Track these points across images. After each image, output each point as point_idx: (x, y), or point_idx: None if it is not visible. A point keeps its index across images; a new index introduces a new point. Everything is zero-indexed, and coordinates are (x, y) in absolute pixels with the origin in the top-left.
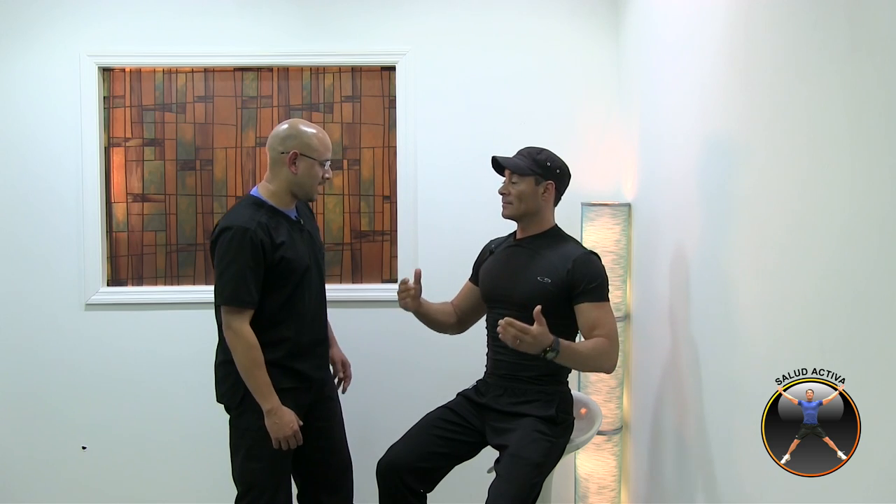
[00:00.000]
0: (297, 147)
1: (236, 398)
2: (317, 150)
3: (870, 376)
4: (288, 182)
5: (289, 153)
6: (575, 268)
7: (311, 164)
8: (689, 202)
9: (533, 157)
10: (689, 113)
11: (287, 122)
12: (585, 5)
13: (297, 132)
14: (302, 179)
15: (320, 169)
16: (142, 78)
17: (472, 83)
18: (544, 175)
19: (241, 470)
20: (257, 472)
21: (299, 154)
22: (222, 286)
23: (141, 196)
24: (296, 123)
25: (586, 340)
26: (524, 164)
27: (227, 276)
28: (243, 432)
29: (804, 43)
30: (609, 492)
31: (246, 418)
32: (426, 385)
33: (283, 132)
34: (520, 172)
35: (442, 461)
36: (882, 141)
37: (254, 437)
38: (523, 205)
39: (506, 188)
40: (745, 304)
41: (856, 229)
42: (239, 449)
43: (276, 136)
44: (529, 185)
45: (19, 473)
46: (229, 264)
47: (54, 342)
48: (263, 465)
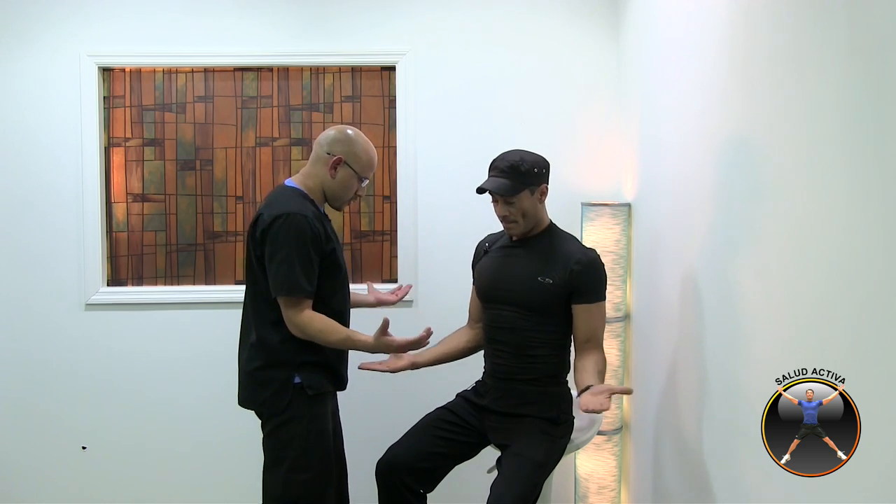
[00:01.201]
0: (344, 154)
1: (281, 404)
2: (360, 163)
3: (870, 376)
4: (323, 183)
5: (333, 156)
6: (579, 270)
7: (350, 175)
8: (690, 202)
9: (516, 170)
10: (690, 113)
11: (345, 126)
12: (585, 5)
13: (346, 139)
14: (336, 187)
15: (357, 183)
16: (142, 78)
17: (472, 83)
18: (535, 182)
19: (284, 483)
20: (305, 483)
21: (343, 161)
22: (282, 277)
23: (141, 196)
24: (348, 131)
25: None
26: (512, 185)
27: (287, 265)
28: (288, 442)
29: (804, 42)
30: (609, 492)
31: (291, 427)
32: (425, 385)
33: (334, 135)
34: (513, 194)
35: (441, 461)
36: (882, 140)
37: (301, 445)
38: (528, 219)
39: (504, 210)
40: (745, 303)
41: (856, 229)
42: (281, 461)
43: (327, 135)
44: (526, 198)
45: (19, 473)
46: (288, 253)
47: (54, 342)
48: (311, 475)
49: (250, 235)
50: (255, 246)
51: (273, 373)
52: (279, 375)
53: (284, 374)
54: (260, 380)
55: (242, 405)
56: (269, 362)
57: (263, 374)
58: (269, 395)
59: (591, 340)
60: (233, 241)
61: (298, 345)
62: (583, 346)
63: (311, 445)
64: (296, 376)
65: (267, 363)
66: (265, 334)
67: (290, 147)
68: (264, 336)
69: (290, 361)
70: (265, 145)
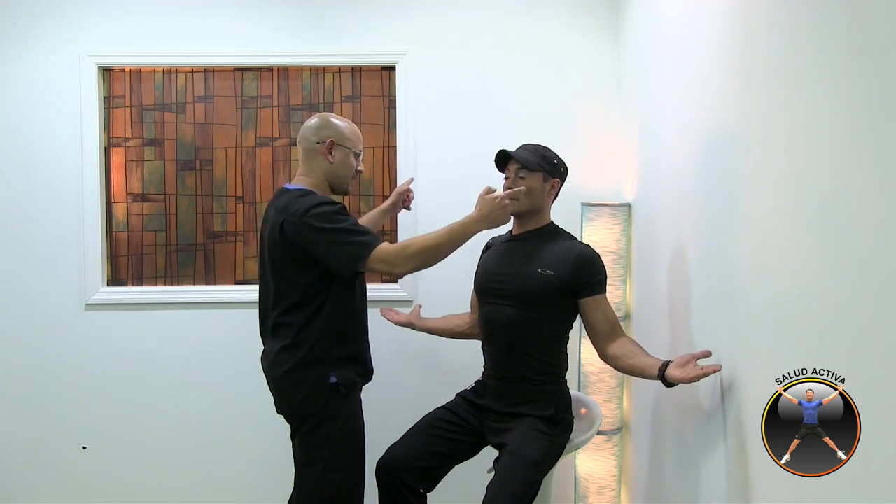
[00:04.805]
0: (333, 136)
1: (318, 404)
2: (350, 140)
3: (870, 376)
4: (325, 173)
5: (324, 142)
6: (580, 261)
7: (346, 153)
8: (689, 202)
9: (541, 153)
10: (689, 112)
11: (316, 115)
12: (585, 5)
13: (329, 122)
14: (338, 169)
15: (354, 160)
16: (142, 78)
17: (472, 83)
18: (552, 172)
19: (317, 483)
20: (337, 482)
21: (335, 143)
22: (346, 245)
23: (141, 196)
24: (326, 115)
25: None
26: (534, 160)
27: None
28: (323, 442)
29: (803, 41)
30: (609, 492)
31: (327, 427)
32: (425, 385)
33: (315, 124)
34: (529, 167)
35: (441, 461)
36: (882, 139)
37: (336, 445)
38: (530, 201)
39: (513, 183)
40: (746, 303)
41: (855, 228)
42: (316, 462)
43: (309, 128)
44: (538, 181)
45: (19, 473)
46: (338, 225)
47: (54, 342)
48: (344, 474)
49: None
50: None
51: (306, 373)
52: (313, 376)
53: (319, 374)
54: (292, 381)
55: (279, 412)
56: (300, 362)
57: (295, 376)
58: (304, 396)
59: (615, 327)
60: (233, 241)
61: (329, 341)
62: (609, 336)
63: (346, 445)
64: (331, 376)
65: (299, 363)
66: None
67: (289, 147)
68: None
69: (324, 359)
70: (265, 145)
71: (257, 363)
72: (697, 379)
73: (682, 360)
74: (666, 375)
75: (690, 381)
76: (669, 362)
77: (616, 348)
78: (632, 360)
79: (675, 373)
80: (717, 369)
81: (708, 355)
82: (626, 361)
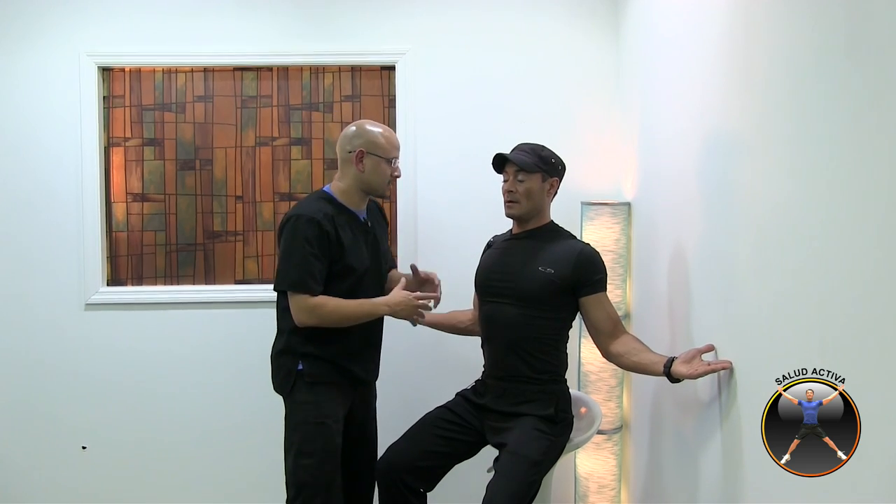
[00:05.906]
0: (363, 145)
1: (286, 389)
2: (382, 148)
3: (870, 376)
4: (356, 180)
5: (355, 151)
6: (581, 260)
7: (377, 161)
8: (689, 201)
9: (538, 153)
10: (689, 112)
11: (355, 122)
12: (585, 5)
13: (362, 131)
14: (369, 177)
15: (388, 166)
16: (141, 78)
17: (471, 83)
18: (549, 172)
19: (293, 468)
20: (309, 468)
21: (366, 152)
22: (286, 271)
23: (141, 196)
24: (362, 123)
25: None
26: (531, 161)
27: (293, 261)
28: (295, 427)
29: (803, 41)
30: (609, 491)
31: (297, 413)
32: (425, 385)
33: (351, 132)
34: (527, 169)
35: (441, 460)
36: (881, 139)
37: (305, 431)
38: (530, 203)
39: (512, 186)
40: (745, 303)
41: (855, 228)
42: (290, 446)
43: (344, 136)
44: (536, 182)
45: (19, 473)
46: (294, 251)
47: (54, 342)
48: (315, 460)
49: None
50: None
51: (283, 359)
52: (286, 362)
53: (291, 362)
54: (275, 364)
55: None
56: (281, 349)
57: (278, 360)
58: (280, 380)
59: (617, 325)
60: (232, 241)
61: (302, 337)
62: (612, 333)
63: (314, 434)
64: (300, 363)
65: (280, 349)
66: (281, 324)
67: (289, 147)
68: (280, 325)
69: (294, 351)
70: (265, 145)
71: (257, 363)
72: (705, 375)
73: (688, 356)
74: (672, 371)
75: (697, 377)
76: (674, 358)
77: (619, 346)
78: (636, 357)
79: (682, 369)
80: (727, 366)
81: (711, 349)
82: (629, 359)
